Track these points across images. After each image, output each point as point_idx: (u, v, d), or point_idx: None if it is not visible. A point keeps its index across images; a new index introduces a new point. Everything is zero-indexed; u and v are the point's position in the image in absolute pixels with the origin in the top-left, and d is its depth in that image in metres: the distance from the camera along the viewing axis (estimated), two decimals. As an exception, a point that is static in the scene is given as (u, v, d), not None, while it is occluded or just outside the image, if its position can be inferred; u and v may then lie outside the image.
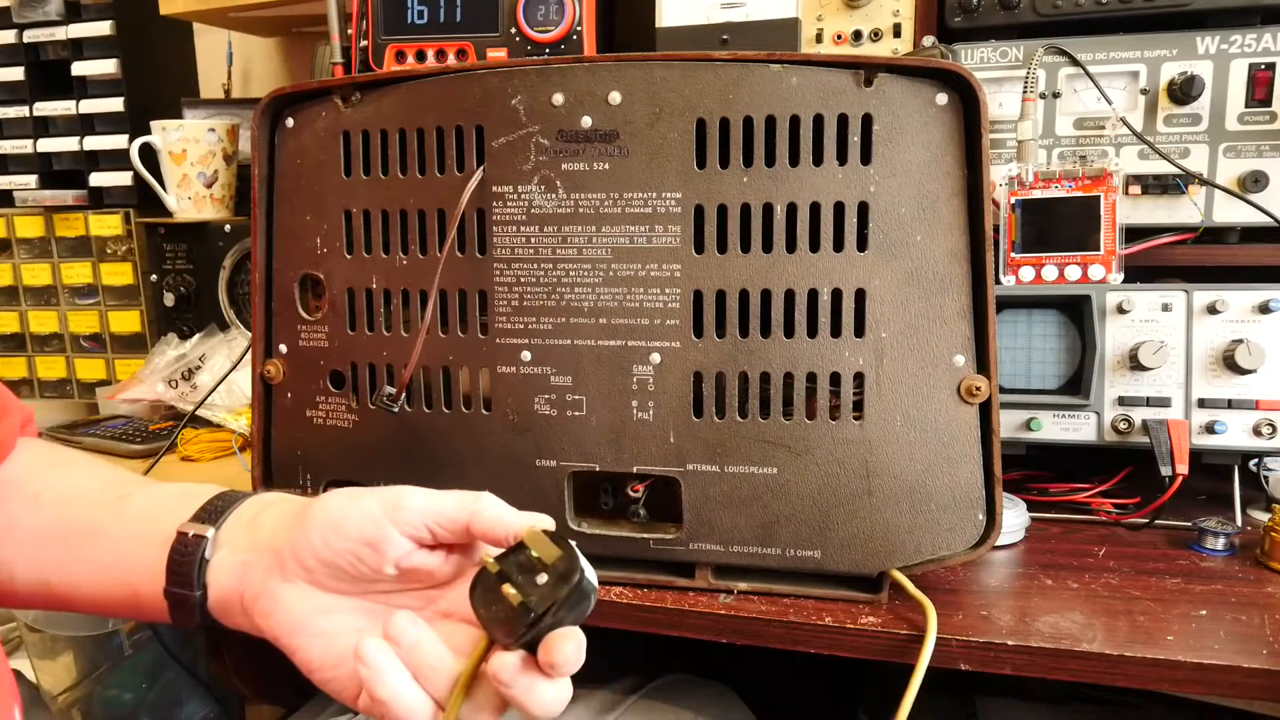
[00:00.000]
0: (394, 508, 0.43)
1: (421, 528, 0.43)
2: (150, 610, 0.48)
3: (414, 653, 0.41)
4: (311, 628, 0.44)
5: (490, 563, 0.41)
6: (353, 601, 0.45)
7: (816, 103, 0.55)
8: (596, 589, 0.40)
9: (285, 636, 0.44)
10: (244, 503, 0.49)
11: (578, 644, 0.39)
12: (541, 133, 0.58)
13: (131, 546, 0.48)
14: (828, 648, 0.56)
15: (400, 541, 0.43)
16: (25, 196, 1.26)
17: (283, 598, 0.44)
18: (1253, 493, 0.73)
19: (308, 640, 0.44)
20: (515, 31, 0.92)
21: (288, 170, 0.64)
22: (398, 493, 0.44)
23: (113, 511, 0.50)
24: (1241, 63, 0.74)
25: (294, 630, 0.44)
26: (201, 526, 0.47)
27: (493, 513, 0.42)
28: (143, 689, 1.06)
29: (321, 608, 0.44)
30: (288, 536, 0.45)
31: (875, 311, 0.55)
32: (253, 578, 0.45)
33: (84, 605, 0.51)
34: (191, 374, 1.04)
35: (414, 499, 0.43)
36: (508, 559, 0.41)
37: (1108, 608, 0.57)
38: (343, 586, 0.45)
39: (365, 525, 0.43)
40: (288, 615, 0.44)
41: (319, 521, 0.44)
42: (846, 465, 0.57)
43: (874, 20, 0.86)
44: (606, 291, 0.59)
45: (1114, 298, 0.69)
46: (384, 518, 0.43)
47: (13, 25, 1.21)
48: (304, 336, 0.65)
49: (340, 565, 0.43)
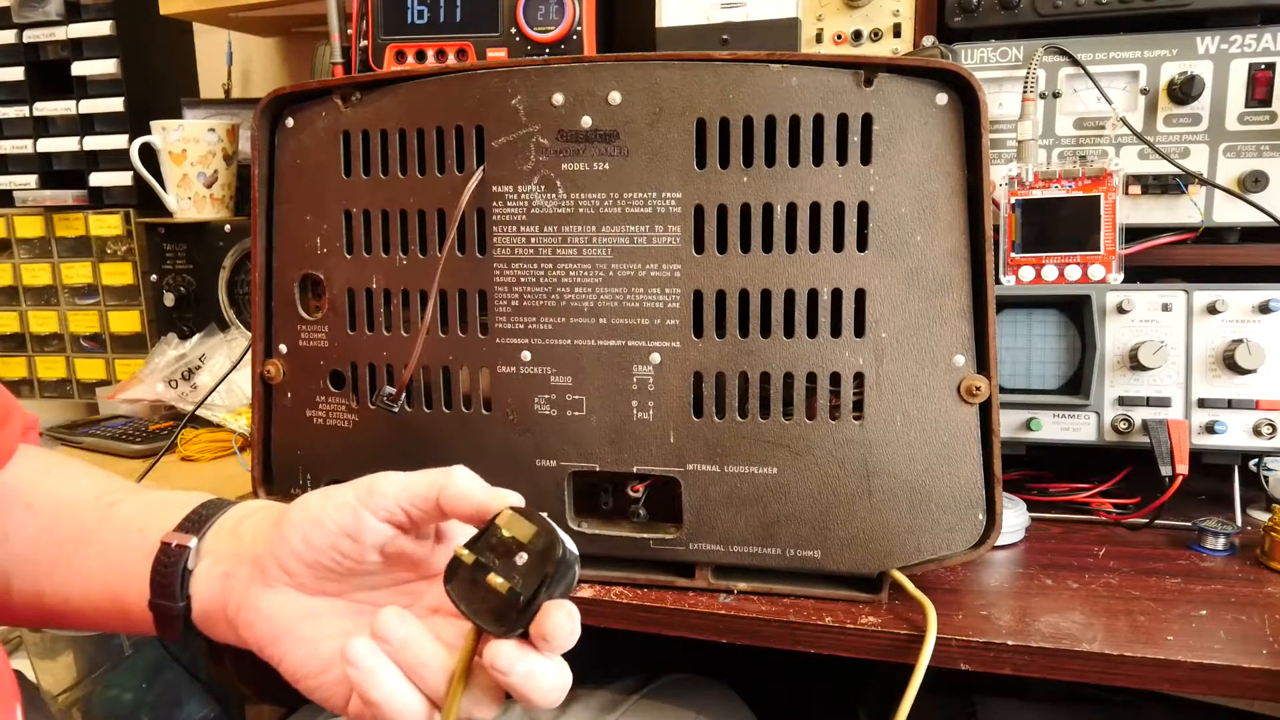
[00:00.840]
0: (368, 494, 0.42)
1: (397, 509, 0.42)
2: (138, 622, 0.47)
3: (404, 650, 0.40)
4: (296, 633, 0.43)
5: (463, 552, 0.39)
6: (338, 603, 0.44)
7: (816, 103, 0.55)
8: (578, 557, 0.39)
9: (270, 645, 0.43)
10: (227, 511, 0.48)
11: (568, 612, 0.38)
12: (541, 133, 0.58)
13: (119, 555, 0.48)
14: (828, 648, 0.56)
15: (378, 527, 0.42)
16: (25, 196, 1.26)
17: (265, 605, 0.43)
18: (1253, 493, 0.72)
19: (293, 647, 0.43)
20: (515, 31, 0.92)
21: (288, 170, 0.64)
22: (371, 479, 0.43)
23: (102, 519, 0.50)
24: (1241, 63, 0.74)
25: (278, 638, 0.43)
26: (184, 536, 0.46)
27: (460, 486, 0.41)
28: (143, 689, 1.06)
29: (306, 611, 0.44)
30: (267, 542, 0.44)
31: (875, 311, 0.55)
32: (235, 589, 0.45)
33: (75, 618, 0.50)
34: (191, 374, 1.04)
35: (386, 483, 0.42)
36: (480, 544, 0.39)
37: (1108, 608, 0.57)
38: (327, 586, 0.44)
39: (342, 515, 0.42)
40: (271, 622, 0.43)
41: (297, 521, 0.43)
42: (846, 465, 0.57)
43: (874, 20, 0.86)
44: (606, 291, 0.59)
45: (1114, 298, 0.69)
46: (359, 505, 0.42)
47: (13, 25, 1.21)
48: (304, 336, 0.65)
49: (322, 562, 0.43)
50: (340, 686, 0.42)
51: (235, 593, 0.45)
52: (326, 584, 0.44)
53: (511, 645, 0.38)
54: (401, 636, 0.40)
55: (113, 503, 0.50)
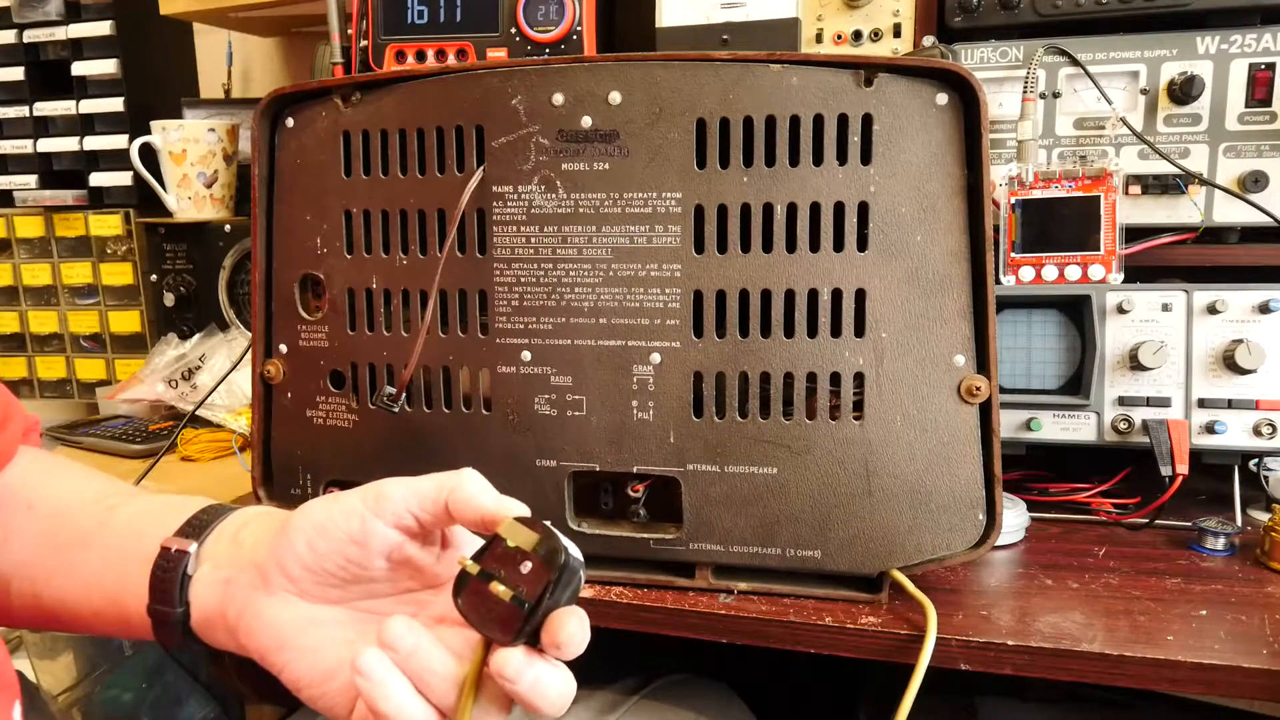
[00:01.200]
0: (376, 500, 0.41)
1: (406, 515, 0.41)
2: (137, 626, 0.46)
3: (413, 659, 0.39)
4: (298, 641, 0.42)
5: (468, 564, 0.39)
6: (341, 612, 0.44)
7: (816, 103, 0.55)
8: (583, 563, 0.39)
9: (272, 653, 0.43)
10: (228, 517, 0.48)
11: (579, 618, 0.38)
12: (541, 133, 0.58)
13: (118, 559, 0.47)
14: (828, 648, 0.56)
15: (386, 533, 0.41)
16: (25, 196, 1.26)
17: (267, 612, 0.43)
18: (1253, 493, 0.72)
19: (295, 655, 0.42)
20: (515, 31, 0.92)
21: (288, 170, 0.64)
22: (378, 485, 0.42)
23: (101, 523, 0.49)
24: (1241, 63, 0.74)
25: (280, 646, 0.42)
26: (184, 541, 0.46)
27: (468, 490, 0.41)
28: (143, 689, 1.06)
29: (309, 620, 0.43)
30: (270, 548, 0.43)
31: (875, 311, 0.55)
32: (236, 595, 0.44)
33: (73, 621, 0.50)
34: (191, 374, 1.04)
35: (394, 488, 0.42)
36: (485, 555, 0.39)
37: (1108, 608, 0.57)
38: (330, 594, 0.43)
39: (350, 522, 0.41)
40: (273, 630, 0.43)
41: (303, 528, 0.42)
42: (846, 465, 0.57)
43: (874, 20, 0.86)
44: (606, 291, 0.59)
45: (1114, 298, 0.69)
46: (367, 511, 0.41)
47: (13, 25, 1.21)
48: (304, 336, 0.65)
49: (327, 569, 0.42)
50: (343, 696, 0.42)
51: (236, 600, 0.44)
52: (330, 591, 0.43)
53: (519, 653, 0.38)
54: (410, 645, 0.39)
55: (112, 506, 0.50)
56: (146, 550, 0.46)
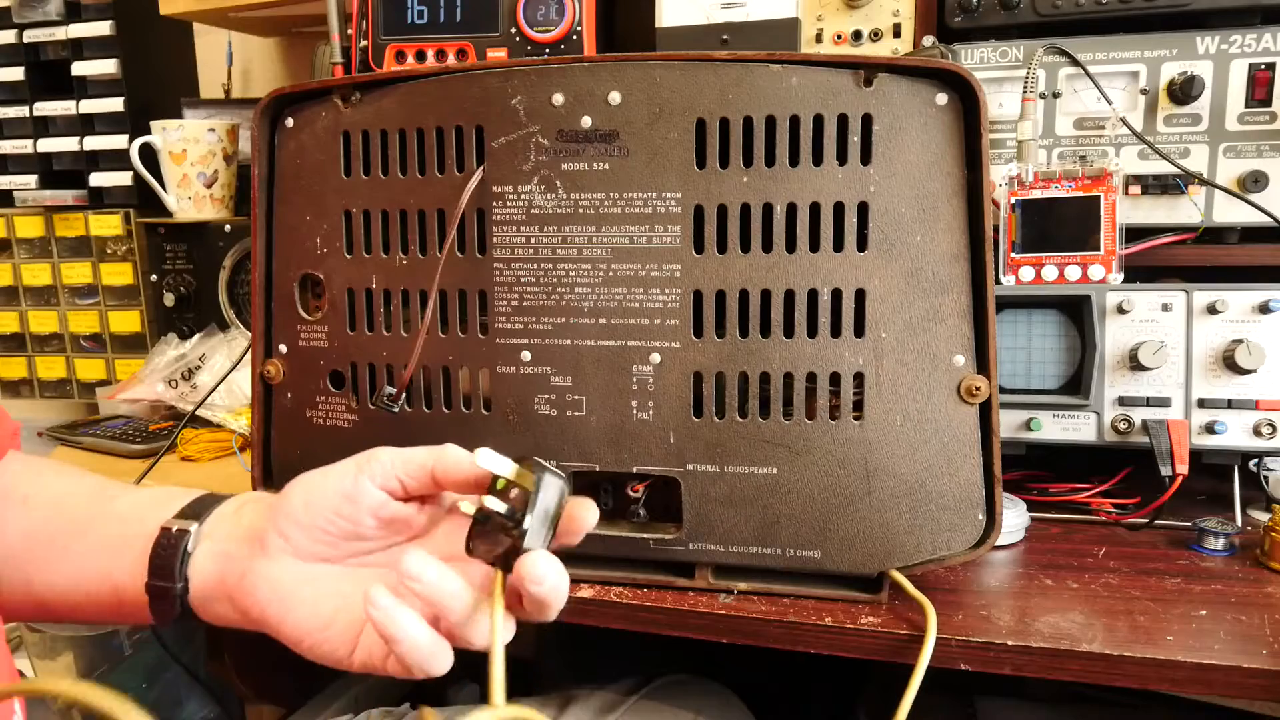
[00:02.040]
0: (367, 460, 0.46)
1: (392, 478, 0.45)
2: (130, 606, 0.48)
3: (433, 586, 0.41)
4: (296, 595, 0.45)
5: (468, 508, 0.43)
6: (334, 569, 0.47)
7: (816, 103, 0.55)
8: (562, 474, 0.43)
9: (270, 607, 0.45)
10: (228, 500, 0.51)
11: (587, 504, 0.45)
12: (541, 133, 0.58)
13: (117, 542, 0.49)
14: (828, 648, 0.56)
15: (374, 491, 0.45)
16: (25, 196, 1.26)
17: (265, 572, 0.46)
18: (1253, 493, 0.73)
19: (294, 606, 0.45)
20: (515, 31, 0.92)
21: (287, 170, 0.64)
22: (369, 450, 0.46)
23: (100, 510, 0.51)
24: (1241, 63, 0.74)
25: (280, 599, 0.45)
26: (185, 522, 0.48)
27: (452, 457, 0.45)
28: (143, 689, 1.06)
29: (305, 577, 0.46)
30: (267, 515, 0.47)
31: (875, 311, 0.55)
32: (234, 565, 0.47)
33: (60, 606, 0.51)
34: (191, 374, 1.04)
35: (384, 453, 0.46)
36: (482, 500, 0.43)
37: (1107, 608, 0.57)
38: (324, 552, 0.46)
39: (343, 481, 0.45)
40: (271, 586, 0.45)
41: (298, 490, 0.46)
42: (846, 465, 0.57)
43: (874, 20, 0.86)
44: (606, 291, 0.59)
45: (1114, 298, 0.69)
46: (358, 472, 0.45)
47: (13, 25, 1.21)
48: (304, 336, 0.65)
49: (319, 525, 0.45)
50: (343, 639, 0.45)
51: (235, 568, 0.47)
52: (324, 549, 0.46)
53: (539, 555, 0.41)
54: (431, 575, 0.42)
55: (111, 497, 0.52)
56: (147, 532, 0.48)
